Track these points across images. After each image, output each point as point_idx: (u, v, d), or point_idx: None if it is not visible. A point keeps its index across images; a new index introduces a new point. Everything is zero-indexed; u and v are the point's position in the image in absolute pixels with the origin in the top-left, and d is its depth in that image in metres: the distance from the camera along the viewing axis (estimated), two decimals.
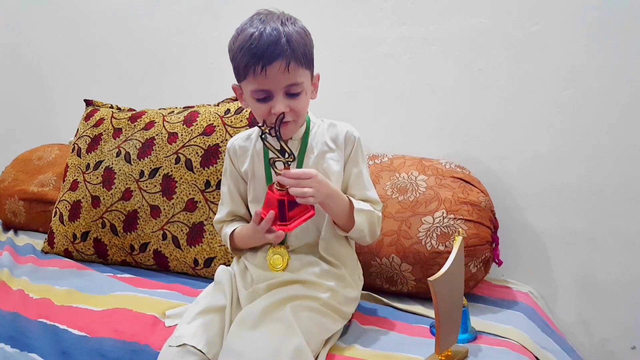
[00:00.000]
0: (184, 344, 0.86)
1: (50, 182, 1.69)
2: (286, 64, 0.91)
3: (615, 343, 1.33)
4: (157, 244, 1.35)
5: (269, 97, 0.94)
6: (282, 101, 0.93)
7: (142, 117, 1.47)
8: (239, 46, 0.92)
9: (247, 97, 0.97)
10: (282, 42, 0.90)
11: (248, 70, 0.92)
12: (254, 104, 0.96)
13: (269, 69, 0.90)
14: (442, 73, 1.41)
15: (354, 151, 1.03)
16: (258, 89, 0.93)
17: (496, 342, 0.99)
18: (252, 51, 0.90)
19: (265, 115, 0.95)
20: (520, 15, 1.31)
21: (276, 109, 0.93)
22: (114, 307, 1.11)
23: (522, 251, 1.37)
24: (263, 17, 0.94)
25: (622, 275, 1.30)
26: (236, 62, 0.94)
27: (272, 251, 1.01)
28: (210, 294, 1.00)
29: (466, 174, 1.27)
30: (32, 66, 2.03)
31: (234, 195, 1.09)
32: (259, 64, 0.90)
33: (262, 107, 0.95)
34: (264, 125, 0.92)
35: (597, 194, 1.30)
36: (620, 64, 1.25)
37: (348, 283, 1.02)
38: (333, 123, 1.06)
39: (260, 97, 0.94)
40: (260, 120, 0.98)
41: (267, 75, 0.91)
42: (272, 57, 0.90)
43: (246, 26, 0.93)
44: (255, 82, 0.93)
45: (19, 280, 1.27)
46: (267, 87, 0.92)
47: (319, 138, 1.03)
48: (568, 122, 1.31)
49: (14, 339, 1.04)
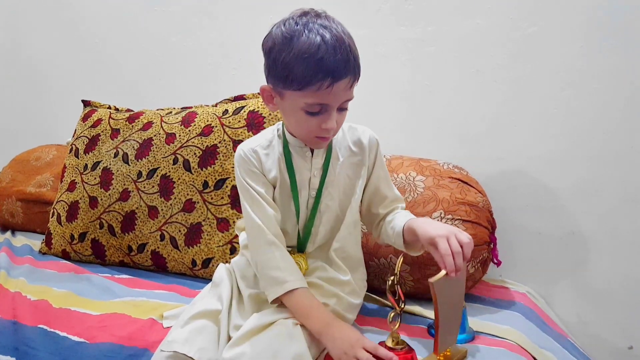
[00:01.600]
0: (175, 351, 0.85)
1: (48, 183, 1.69)
2: (351, 82, 0.88)
3: (612, 343, 1.33)
4: (155, 244, 1.34)
5: (322, 111, 0.88)
6: (335, 117, 0.89)
7: (140, 117, 1.47)
8: (301, 54, 0.84)
9: (293, 107, 0.89)
10: (351, 60, 0.86)
11: (311, 83, 0.84)
12: (302, 116, 0.89)
13: (336, 86, 0.85)
14: (440, 74, 1.41)
15: (379, 155, 1.03)
16: (317, 103, 0.87)
17: (494, 342, 0.99)
18: (323, 65, 0.83)
19: (313, 129, 0.90)
20: (518, 17, 1.32)
21: (329, 125, 0.89)
22: (112, 311, 1.11)
23: (519, 252, 1.38)
24: (318, 19, 0.87)
25: (620, 276, 1.31)
26: (291, 69, 0.85)
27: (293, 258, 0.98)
28: (205, 297, 0.99)
29: (464, 174, 1.27)
30: (30, 67, 2.03)
31: (269, 201, 0.98)
32: (326, 79, 0.84)
33: (311, 121, 0.89)
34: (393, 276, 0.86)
35: (595, 195, 1.30)
36: (618, 65, 1.25)
37: (353, 289, 1.01)
38: (352, 126, 1.04)
39: (315, 110, 0.88)
40: (302, 132, 0.94)
41: (332, 92, 0.85)
42: (342, 74, 0.85)
43: (301, 29, 0.85)
44: (316, 96, 0.86)
45: (16, 282, 1.27)
46: (328, 101, 0.87)
47: (342, 143, 1.02)
48: (566, 123, 1.31)
49: (17, 350, 1.04)
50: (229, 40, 1.66)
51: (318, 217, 1.00)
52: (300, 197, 0.99)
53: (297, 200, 0.99)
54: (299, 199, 0.99)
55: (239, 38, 1.65)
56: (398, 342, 0.87)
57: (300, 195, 0.99)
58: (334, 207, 1.00)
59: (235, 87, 1.49)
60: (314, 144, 0.96)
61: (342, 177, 1.00)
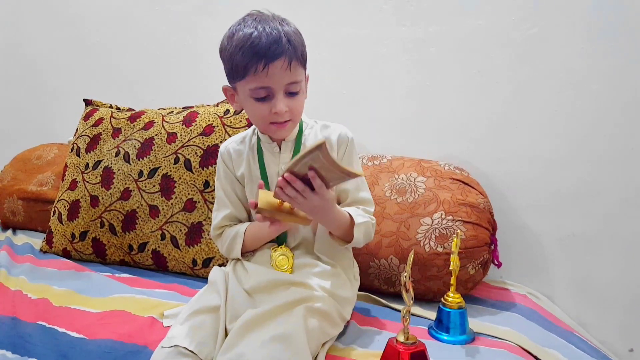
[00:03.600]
0: (175, 345, 0.86)
1: (49, 182, 1.69)
2: (288, 62, 0.92)
3: (613, 345, 1.33)
4: (156, 243, 1.35)
5: (269, 96, 0.94)
6: (283, 100, 0.94)
7: (141, 117, 1.47)
8: (238, 45, 0.92)
9: (244, 97, 0.97)
10: (283, 41, 0.91)
11: (249, 69, 0.91)
12: (252, 104, 0.96)
13: (271, 67, 0.91)
14: (441, 75, 1.41)
15: (347, 152, 1.04)
16: (259, 87, 0.93)
17: (494, 343, 0.99)
18: (255, 49, 0.90)
19: (264, 115, 0.96)
20: (520, 18, 1.32)
21: (277, 108, 0.94)
22: (112, 308, 1.11)
23: (520, 253, 1.38)
24: (257, 17, 0.94)
25: (620, 278, 1.31)
26: (233, 61, 0.93)
27: (276, 252, 1.02)
28: (203, 294, 1.00)
29: (465, 175, 1.27)
30: (31, 66, 2.03)
31: (233, 198, 1.08)
32: (261, 62, 0.90)
33: (261, 107, 0.95)
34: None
35: (596, 197, 1.30)
36: (619, 66, 1.25)
37: (343, 282, 1.02)
38: (326, 124, 1.07)
39: (261, 95, 0.94)
40: (257, 121, 0.98)
41: (268, 73, 0.91)
42: (274, 54, 0.90)
43: (240, 27, 0.93)
44: (255, 80, 0.92)
45: (17, 280, 1.27)
46: (269, 84, 0.93)
47: (312, 139, 1.04)
48: (567, 125, 1.31)
49: (15, 345, 1.04)
50: None
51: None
52: (271, 190, 1.01)
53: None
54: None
55: None
56: (409, 338, 0.88)
57: (270, 189, 1.01)
58: None
59: None
60: (272, 132, 1.01)
61: None
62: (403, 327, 0.89)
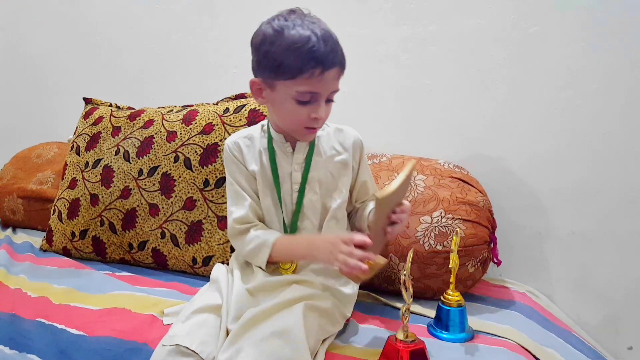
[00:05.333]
0: (177, 344, 0.86)
1: (49, 180, 1.69)
2: (340, 72, 0.94)
3: (611, 343, 1.33)
4: (156, 242, 1.35)
5: (312, 100, 0.93)
6: (324, 107, 0.95)
7: (141, 115, 1.47)
8: (292, 44, 0.89)
9: (284, 96, 0.94)
10: (339, 50, 0.93)
11: (303, 72, 0.89)
12: (292, 105, 0.94)
13: (327, 74, 0.91)
14: (440, 73, 1.41)
15: (363, 156, 1.08)
16: (308, 91, 0.92)
17: (493, 341, 0.99)
18: (314, 54, 0.89)
19: (302, 119, 0.95)
20: (519, 17, 1.32)
21: (319, 114, 0.94)
22: (112, 306, 1.11)
23: (520, 251, 1.38)
24: (306, 17, 0.93)
25: (619, 276, 1.31)
26: (284, 59, 0.90)
27: None
28: (205, 293, 1.01)
29: (464, 174, 1.27)
30: (31, 64, 2.03)
31: (249, 192, 1.04)
32: (318, 68, 0.89)
33: (301, 110, 0.94)
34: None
35: (595, 195, 1.31)
36: (618, 65, 1.25)
37: (345, 279, 1.03)
38: (339, 128, 1.09)
39: (306, 99, 0.93)
40: (291, 122, 0.97)
41: (322, 80, 0.91)
42: (332, 63, 0.91)
43: (289, 24, 0.91)
44: (307, 83, 0.91)
45: (17, 279, 1.27)
46: (318, 90, 0.92)
47: (326, 142, 1.06)
48: (566, 123, 1.31)
49: (13, 341, 1.04)
50: (230, 39, 1.66)
51: (302, 212, 1.03)
52: (283, 189, 1.03)
53: (280, 193, 1.02)
54: (281, 191, 1.02)
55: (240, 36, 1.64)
56: (408, 336, 0.88)
57: (282, 188, 1.02)
58: (318, 203, 1.04)
59: (236, 85, 1.49)
60: (301, 135, 1.00)
61: (325, 174, 1.04)
62: (402, 325, 0.89)
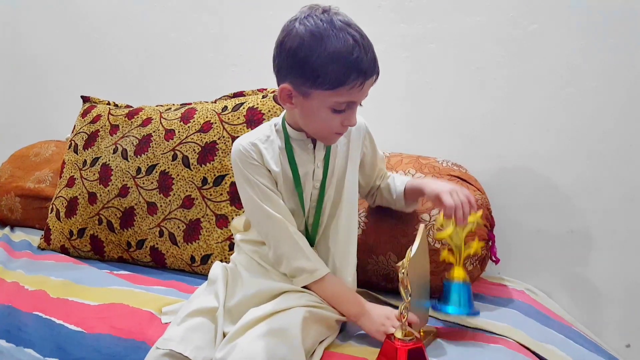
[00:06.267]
0: (170, 349, 0.85)
1: (47, 179, 1.69)
2: (375, 80, 0.92)
3: (610, 341, 1.33)
4: (154, 240, 1.34)
5: (346, 109, 0.91)
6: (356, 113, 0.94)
7: (139, 113, 1.46)
8: (336, 54, 0.84)
9: (319, 105, 0.89)
10: (377, 58, 0.90)
11: (346, 83, 0.86)
12: (326, 114, 0.90)
13: (366, 84, 0.89)
14: (440, 71, 1.41)
15: (369, 136, 1.09)
16: (347, 101, 0.89)
17: (492, 339, 0.99)
18: (360, 66, 0.85)
19: (335, 125, 0.92)
20: (519, 14, 1.32)
21: (353, 122, 0.93)
22: (111, 302, 1.10)
23: (518, 249, 1.38)
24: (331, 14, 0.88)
25: (618, 274, 1.31)
26: (326, 69, 0.85)
27: None
28: (201, 295, 0.99)
29: (463, 172, 1.27)
30: (29, 62, 2.03)
31: (276, 192, 0.98)
32: (360, 78, 0.86)
33: (335, 118, 0.91)
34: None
35: (594, 193, 1.30)
36: (618, 63, 1.25)
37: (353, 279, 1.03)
38: None
39: (342, 108, 0.90)
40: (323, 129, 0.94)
41: (362, 90, 0.89)
42: (372, 73, 0.89)
43: (327, 29, 0.85)
44: (348, 94, 0.88)
45: (14, 273, 1.27)
46: (356, 99, 0.90)
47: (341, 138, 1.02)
48: (565, 121, 1.31)
49: (9, 334, 1.03)
50: (229, 37, 1.66)
51: (324, 208, 1.01)
52: (305, 190, 1.00)
53: (302, 194, 0.99)
54: (303, 192, 0.99)
55: (239, 34, 1.65)
56: (407, 334, 0.88)
57: (304, 189, 0.99)
58: (332, 194, 1.02)
59: (235, 83, 1.49)
60: (330, 140, 0.98)
61: (341, 164, 1.03)
62: (401, 323, 0.89)
